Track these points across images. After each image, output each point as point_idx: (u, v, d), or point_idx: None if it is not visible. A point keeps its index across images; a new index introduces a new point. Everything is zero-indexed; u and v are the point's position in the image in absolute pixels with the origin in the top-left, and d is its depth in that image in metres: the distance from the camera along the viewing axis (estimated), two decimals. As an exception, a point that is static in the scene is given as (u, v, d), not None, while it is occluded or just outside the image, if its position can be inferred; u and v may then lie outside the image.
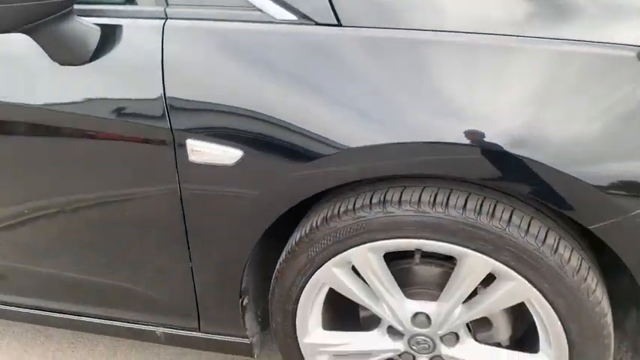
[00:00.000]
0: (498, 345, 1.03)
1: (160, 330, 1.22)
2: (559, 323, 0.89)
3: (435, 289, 0.99)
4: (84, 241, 1.14)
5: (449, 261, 0.97)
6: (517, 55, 0.82)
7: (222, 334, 1.18)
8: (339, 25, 0.86)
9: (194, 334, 1.20)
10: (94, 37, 0.94)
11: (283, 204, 0.93)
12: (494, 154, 0.80)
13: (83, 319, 1.28)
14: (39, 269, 1.23)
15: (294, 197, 0.92)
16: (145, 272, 1.15)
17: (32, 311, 1.31)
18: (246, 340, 1.16)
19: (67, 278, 1.23)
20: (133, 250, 1.12)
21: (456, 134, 0.80)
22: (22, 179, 1.10)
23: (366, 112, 0.84)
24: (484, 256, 0.87)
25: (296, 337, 1.10)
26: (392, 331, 1.05)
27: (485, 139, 0.80)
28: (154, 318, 1.22)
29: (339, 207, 0.93)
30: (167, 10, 0.93)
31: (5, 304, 1.33)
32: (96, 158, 1.00)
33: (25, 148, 1.06)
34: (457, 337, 1.01)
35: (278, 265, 1.03)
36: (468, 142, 0.80)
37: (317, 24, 0.86)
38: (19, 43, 0.93)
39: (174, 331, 1.21)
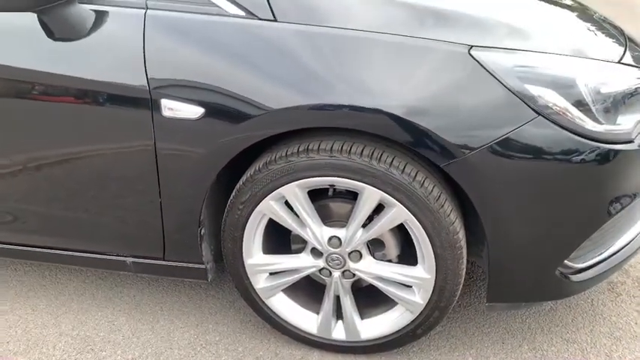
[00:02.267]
0: (390, 261, 1.40)
1: (130, 260, 1.52)
2: (427, 238, 1.26)
3: (344, 219, 1.34)
4: (74, 183, 1.43)
5: (353, 199, 1.32)
6: (401, 48, 1.18)
7: (182, 262, 1.49)
8: (275, 20, 1.20)
9: (159, 262, 1.51)
10: (90, 20, 1.24)
11: (230, 152, 1.26)
12: (384, 115, 1.16)
13: (67, 253, 1.56)
14: (31, 208, 1.51)
15: (238, 146, 1.26)
16: (120, 209, 1.44)
17: (13, 247, 1.58)
18: (202, 266, 1.48)
19: (54, 217, 1.51)
20: (112, 190, 1.41)
21: (359, 101, 1.16)
22: (26, 133, 1.38)
23: (293, 84, 1.19)
24: (375, 189, 1.23)
25: (242, 259, 1.43)
26: (314, 252, 1.39)
27: (379, 106, 1.15)
28: (126, 250, 1.52)
29: (275, 155, 1.27)
30: (147, 2, 1.24)
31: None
32: (89, 113, 1.30)
33: (30, 106, 1.34)
34: (360, 255, 1.36)
35: (229, 201, 1.36)
36: (367, 106, 1.16)
37: (259, 19, 1.20)
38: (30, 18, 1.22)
39: (142, 260, 1.52)
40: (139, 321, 1.65)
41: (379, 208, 1.29)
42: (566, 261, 1.31)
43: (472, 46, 1.17)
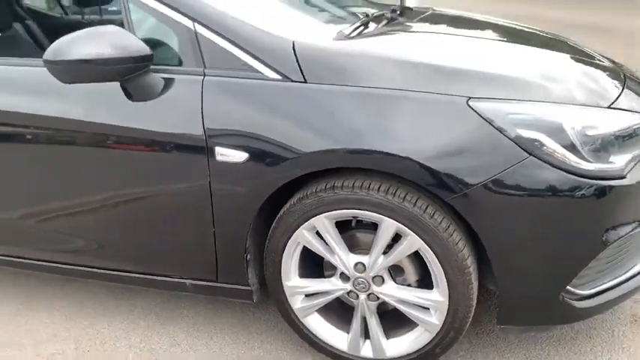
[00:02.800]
0: (409, 285, 1.58)
1: (189, 282, 1.79)
2: (439, 264, 1.44)
3: (367, 247, 1.54)
4: (145, 217, 1.73)
5: (374, 230, 1.52)
6: (410, 101, 1.40)
7: (232, 284, 1.74)
8: (305, 82, 1.46)
9: (213, 284, 1.76)
10: (160, 85, 1.56)
11: (269, 189, 1.51)
12: (398, 158, 1.37)
13: (138, 276, 1.85)
14: (110, 238, 1.82)
15: (276, 184, 1.50)
16: (181, 238, 1.72)
17: (94, 270, 1.90)
18: (248, 288, 1.72)
19: (128, 245, 1.81)
20: (176, 222, 1.70)
21: (376, 146, 1.38)
22: (108, 176, 1.70)
23: (319, 132, 1.43)
24: (391, 220, 1.43)
25: (281, 282, 1.65)
26: (343, 277, 1.60)
27: (393, 150, 1.37)
28: (186, 273, 1.79)
29: (307, 191, 1.51)
30: (205, 70, 1.55)
31: (75, 264, 1.91)
32: (158, 159, 1.60)
33: (112, 154, 1.66)
34: (383, 279, 1.55)
35: (270, 230, 1.60)
36: (382, 150, 1.38)
37: (292, 81, 1.47)
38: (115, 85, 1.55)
39: (199, 282, 1.78)
40: (196, 337, 1.90)
41: (397, 238, 1.48)
42: (569, 287, 1.44)
43: (470, 97, 1.37)
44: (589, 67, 1.76)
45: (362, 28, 1.79)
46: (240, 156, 1.51)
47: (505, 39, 2.03)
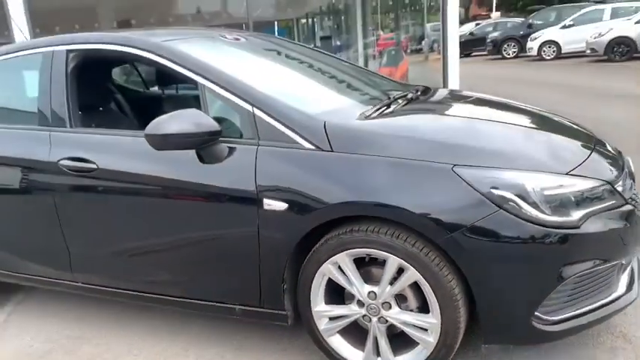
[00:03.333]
0: (411, 310, 1.97)
1: (238, 307, 2.25)
2: (432, 293, 1.85)
3: (377, 279, 1.97)
4: (203, 254, 2.22)
5: (383, 266, 1.95)
6: (409, 167, 1.87)
7: (272, 309, 2.18)
8: (332, 151, 1.96)
9: (257, 309, 2.21)
10: (226, 151, 2.09)
11: (302, 231, 1.98)
12: (400, 210, 1.82)
13: (195, 301, 2.33)
14: (176, 271, 2.32)
15: (308, 227, 1.97)
16: (234, 271, 2.19)
17: (167, 297, 2.39)
18: (284, 313, 2.16)
19: (188, 276, 2.30)
20: (229, 259, 2.18)
21: (383, 200, 1.84)
22: (176, 221, 2.22)
23: (340, 188, 1.91)
24: (395, 257, 1.87)
25: (310, 307, 2.08)
26: (359, 303, 2.02)
27: (396, 203, 1.82)
28: (235, 300, 2.25)
29: (331, 234, 1.97)
30: (259, 142, 2.07)
31: (152, 293, 2.41)
32: (219, 208, 2.11)
33: (184, 204, 2.18)
34: (390, 305, 1.96)
35: (302, 266, 2.06)
36: (387, 203, 1.84)
37: (322, 150, 1.97)
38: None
39: (246, 308, 2.23)
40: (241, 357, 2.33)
41: (401, 271, 1.91)
42: (537, 314, 1.81)
43: (455, 165, 1.83)
44: (562, 140, 2.20)
45: (382, 109, 2.30)
46: (281, 206, 1.99)
47: (496, 117, 2.50)
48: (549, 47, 15.70)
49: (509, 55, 18.09)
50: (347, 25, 14.79)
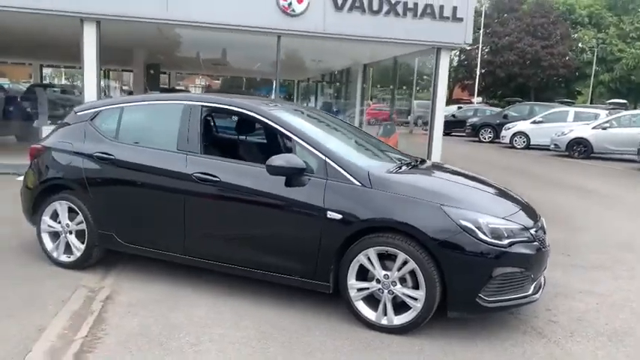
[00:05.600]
0: (409, 287, 3.32)
1: (299, 278, 3.57)
2: (422, 277, 3.21)
3: (390, 267, 3.33)
4: (284, 244, 3.56)
5: (394, 260, 3.32)
6: (415, 201, 3.29)
7: (321, 281, 3.50)
8: (371, 187, 3.38)
9: (312, 280, 3.53)
10: (307, 181, 3.47)
11: (346, 234, 3.35)
12: (405, 224, 3.22)
13: (268, 272, 3.64)
14: (263, 253, 3.64)
15: (349, 232, 3.34)
16: (300, 255, 3.52)
17: (251, 270, 3.69)
18: (328, 284, 3.49)
19: (267, 256, 3.62)
20: (299, 249, 3.51)
21: (397, 217, 3.24)
22: (271, 220, 3.57)
23: (370, 210, 3.31)
24: (403, 253, 3.24)
25: (346, 281, 3.42)
26: (377, 281, 3.36)
27: (404, 220, 3.22)
28: (297, 273, 3.56)
29: (364, 237, 3.34)
30: (327, 178, 3.47)
31: (237, 266, 3.72)
32: (296, 217, 3.47)
33: (276, 210, 3.54)
34: (396, 283, 3.32)
35: (344, 255, 3.40)
36: (399, 220, 3.24)
37: (364, 187, 3.38)
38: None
39: (304, 279, 3.55)
40: (294, 323, 3.62)
41: (404, 263, 3.28)
42: (480, 295, 3.19)
43: (442, 204, 3.25)
44: (504, 200, 3.69)
45: (398, 169, 3.75)
46: (337, 216, 3.37)
47: (467, 182, 3.97)
48: (520, 138, 17.81)
49: (485, 139, 20.20)
50: (346, 94, 16.66)
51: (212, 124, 4.05)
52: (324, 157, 3.52)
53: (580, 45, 41.97)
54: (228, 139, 4.65)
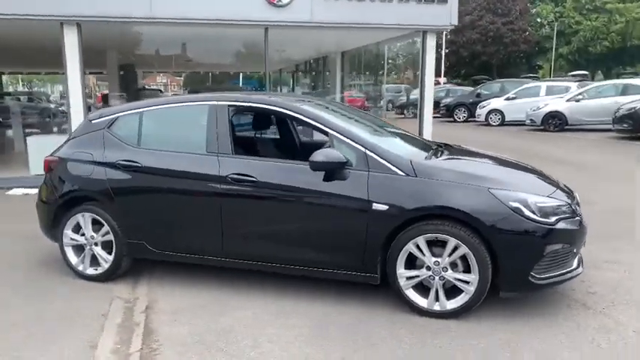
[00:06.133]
0: (461, 272, 3.36)
1: (345, 272, 3.56)
2: (475, 260, 3.26)
3: (439, 254, 3.35)
4: (331, 239, 3.54)
5: (443, 246, 3.35)
6: (465, 186, 3.32)
7: (369, 273, 3.50)
8: (416, 176, 3.38)
9: (359, 273, 3.52)
10: (348, 174, 3.45)
11: (394, 224, 3.35)
12: (458, 211, 3.25)
13: (315, 269, 3.62)
14: (312, 251, 3.61)
15: (397, 222, 3.34)
16: (347, 249, 3.50)
17: (299, 268, 3.66)
18: (376, 276, 3.49)
19: (312, 252, 3.59)
20: (346, 242, 3.50)
21: (447, 203, 3.27)
22: (317, 215, 3.54)
23: (415, 198, 3.33)
24: (453, 239, 3.27)
25: (396, 270, 3.43)
26: (427, 268, 3.39)
27: (456, 206, 3.25)
28: (344, 268, 3.55)
29: (413, 225, 3.35)
30: (369, 170, 3.45)
31: (279, 263, 3.68)
32: (343, 211, 3.45)
33: (320, 204, 3.51)
34: (447, 269, 3.35)
35: (392, 245, 3.41)
36: (449, 206, 3.27)
37: (409, 176, 3.39)
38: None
39: (351, 272, 3.54)
40: (346, 317, 3.61)
41: (455, 249, 3.31)
42: (532, 273, 3.25)
43: (489, 188, 3.29)
44: (542, 178, 3.74)
45: (435, 154, 3.77)
46: (383, 207, 3.37)
47: (500, 163, 4.02)
48: (495, 115, 18.16)
49: (459, 119, 20.51)
50: (324, 83, 16.59)
51: (240, 123, 3.98)
52: (363, 149, 3.50)
53: (539, 20, 42.98)
54: (259, 138, 4.58)
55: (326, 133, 3.65)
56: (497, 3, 38.31)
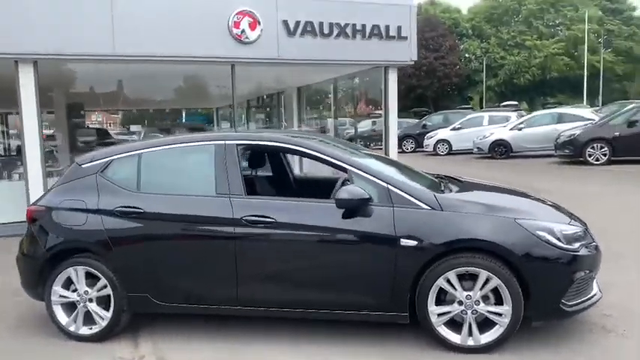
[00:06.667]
0: (493, 304, 3.32)
1: (371, 313, 3.42)
2: (507, 292, 3.23)
3: (470, 288, 3.31)
4: (356, 278, 3.40)
5: (473, 280, 3.31)
6: (492, 219, 3.31)
7: (397, 312, 3.39)
8: (442, 210, 3.35)
9: (387, 313, 3.40)
10: (372, 210, 3.37)
11: (424, 260, 3.29)
12: (484, 242, 3.23)
13: (340, 312, 3.46)
14: (333, 292, 3.45)
15: (426, 258, 3.28)
16: (374, 288, 3.38)
17: (321, 311, 3.48)
18: (405, 314, 3.38)
19: (339, 295, 3.44)
20: (373, 281, 3.38)
21: (474, 236, 3.24)
22: (340, 253, 3.40)
23: (441, 234, 3.29)
24: (484, 271, 3.24)
25: (427, 307, 3.34)
26: (459, 303, 3.32)
27: (482, 237, 3.24)
28: (371, 309, 3.42)
29: (443, 260, 3.30)
30: (393, 205, 3.38)
31: (299, 308, 3.49)
32: (369, 248, 3.35)
33: (344, 242, 3.39)
34: (479, 302, 3.30)
35: (421, 281, 3.33)
36: (478, 238, 3.24)
37: (434, 210, 3.35)
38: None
39: (379, 313, 3.41)
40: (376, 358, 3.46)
41: (487, 281, 3.27)
42: (563, 301, 3.27)
43: (516, 218, 3.30)
44: (555, 207, 3.81)
45: (447, 186, 3.76)
46: (412, 243, 3.30)
47: (512, 193, 4.07)
48: (442, 145, 18.82)
49: (408, 149, 21.08)
50: (278, 118, 16.55)
51: (250, 162, 3.81)
52: (385, 185, 3.44)
53: (467, 55, 45.55)
54: (268, 177, 4.39)
55: (345, 170, 3.56)
56: (429, 39, 40.28)
